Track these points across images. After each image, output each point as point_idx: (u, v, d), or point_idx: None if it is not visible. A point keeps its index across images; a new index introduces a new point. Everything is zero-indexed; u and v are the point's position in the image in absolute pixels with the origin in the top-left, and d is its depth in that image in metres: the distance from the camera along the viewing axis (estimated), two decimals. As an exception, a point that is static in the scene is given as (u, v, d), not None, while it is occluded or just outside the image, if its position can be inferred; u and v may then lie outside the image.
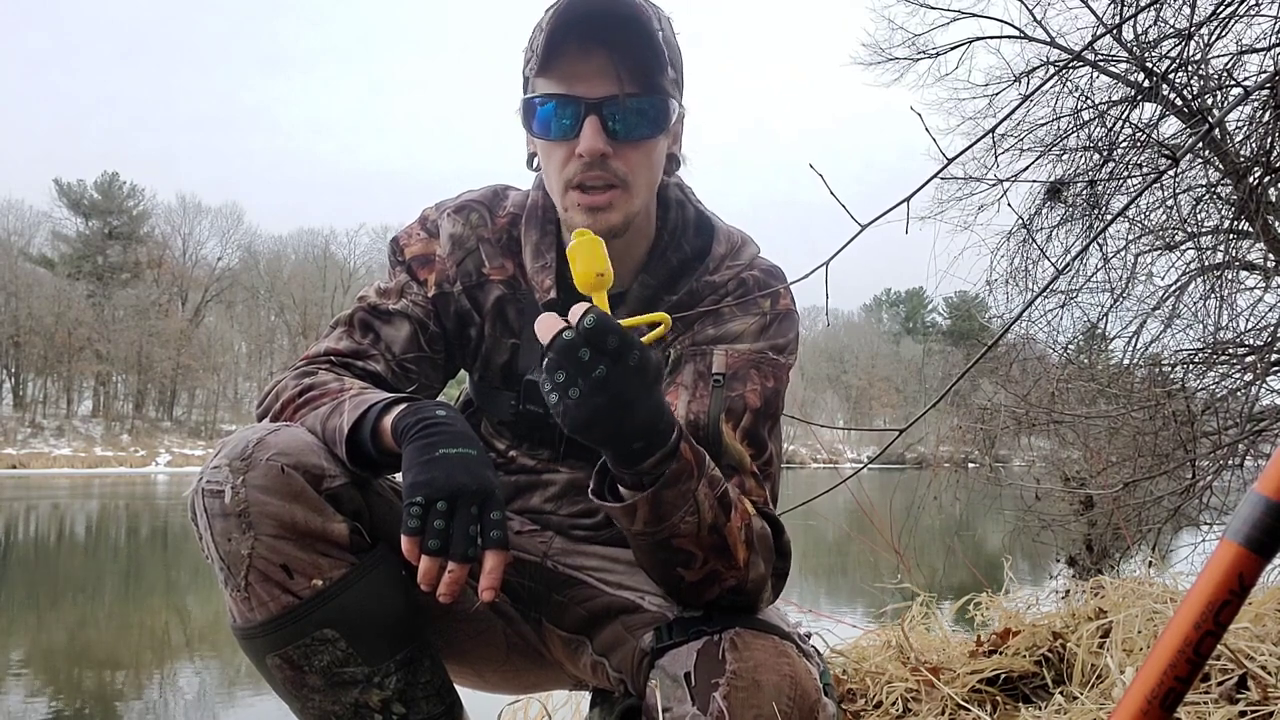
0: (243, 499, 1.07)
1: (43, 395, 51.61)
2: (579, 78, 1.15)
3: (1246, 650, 1.56)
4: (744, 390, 1.23)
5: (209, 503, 1.08)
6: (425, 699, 1.16)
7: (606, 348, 0.93)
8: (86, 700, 6.66)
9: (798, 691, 1.05)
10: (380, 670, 1.12)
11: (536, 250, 1.30)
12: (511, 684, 1.44)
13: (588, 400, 0.94)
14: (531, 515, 1.34)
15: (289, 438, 1.12)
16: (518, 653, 1.34)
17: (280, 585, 1.07)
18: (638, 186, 1.20)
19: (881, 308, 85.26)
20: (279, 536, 1.07)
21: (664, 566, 1.10)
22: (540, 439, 1.34)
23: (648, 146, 1.19)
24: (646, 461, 1.02)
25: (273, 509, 1.07)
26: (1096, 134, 5.69)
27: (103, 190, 58.11)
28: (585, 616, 1.27)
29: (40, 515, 22.27)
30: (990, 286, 6.69)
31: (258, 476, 1.07)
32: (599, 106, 1.15)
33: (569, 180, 1.18)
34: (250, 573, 1.07)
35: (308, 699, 1.12)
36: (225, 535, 1.07)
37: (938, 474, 8.31)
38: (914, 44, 7.38)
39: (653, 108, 1.17)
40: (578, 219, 1.19)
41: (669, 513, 1.04)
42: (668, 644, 1.12)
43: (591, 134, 1.14)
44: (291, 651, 1.09)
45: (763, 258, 1.35)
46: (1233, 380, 4.95)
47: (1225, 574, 0.61)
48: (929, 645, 2.05)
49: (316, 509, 1.10)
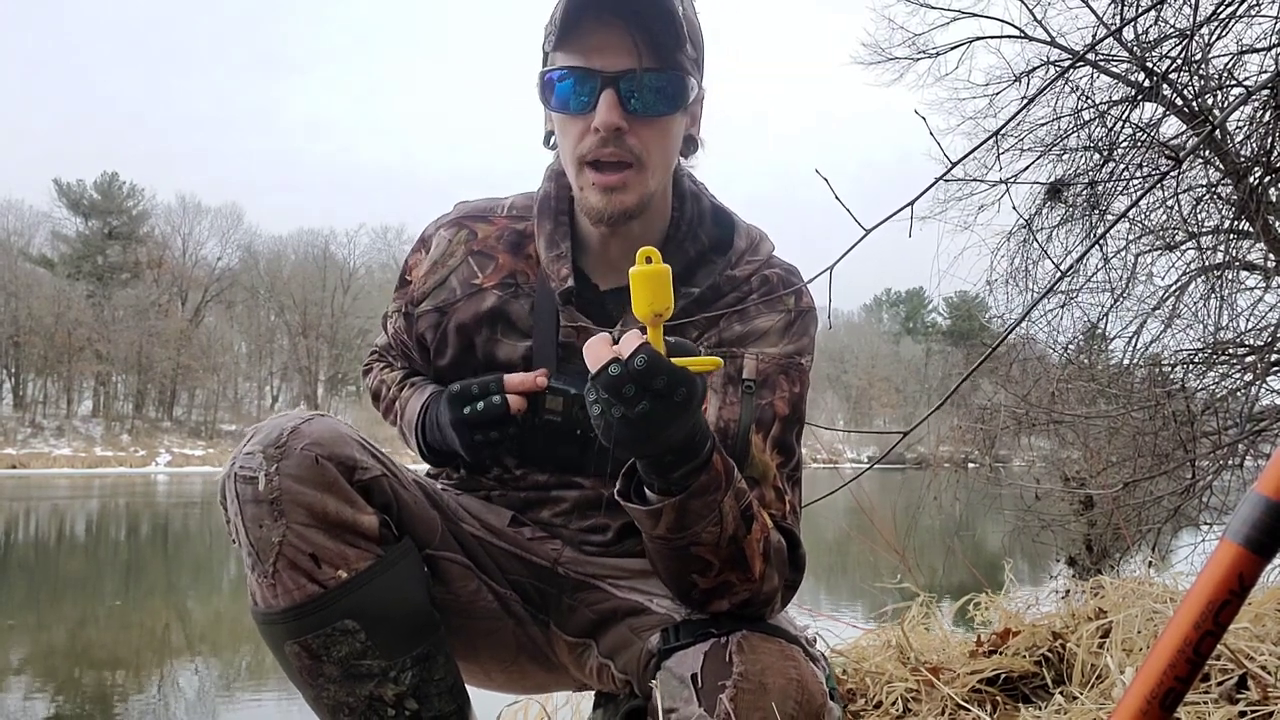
0: (276, 487, 1.07)
1: (43, 395, 51.60)
2: (596, 51, 1.13)
3: (1246, 650, 1.56)
4: (773, 399, 1.23)
5: (241, 488, 1.09)
6: (438, 696, 1.16)
7: (653, 388, 0.94)
8: (86, 700, 6.66)
9: (804, 695, 1.05)
10: (397, 665, 1.13)
11: (551, 240, 1.28)
12: (517, 684, 1.44)
13: (628, 425, 0.95)
14: (541, 526, 1.33)
15: (323, 427, 1.13)
16: (526, 654, 1.34)
17: (307, 574, 1.08)
18: (654, 165, 1.18)
19: (882, 308, 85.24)
20: (310, 525, 1.08)
21: (679, 573, 1.11)
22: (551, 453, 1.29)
23: (664, 124, 1.18)
24: (677, 472, 1.03)
25: (305, 498, 1.08)
26: (1097, 134, 5.69)
27: (102, 190, 58.11)
28: (593, 619, 1.27)
29: (40, 515, 22.26)
30: (990, 286, 6.69)
31: (291, 465, 1.08)
32: (616, 80, 1.13)
33: (583, 155, 1.17)
34: (279, 560, 1.08)
35: (322, 689, 1.12)
36: (256, 521, 1.08)
37: (938, 474, 8.32)
38: (914, 44, 7.37)
39: (670, 84, 1.16)
40: (592, 199, 1.18)
41: (693, 521, 1.05)
42: (675, 645, 1.12)
43: (607, 108, 1.13)
44: (311, 640, 1.10)
45: (779, 256, 1.34)
46: (1233, 380, 4.96)
47: (1225, 574, 0.61)
48: (929, 645, 2.05)
49: (348, 500, 1.11)
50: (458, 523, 1.30)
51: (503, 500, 1.34)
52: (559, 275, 1.25)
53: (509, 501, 1.33)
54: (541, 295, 1.28)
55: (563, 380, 1.24)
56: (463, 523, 1.30)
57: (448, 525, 1.28)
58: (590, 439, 1.25)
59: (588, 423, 1.22)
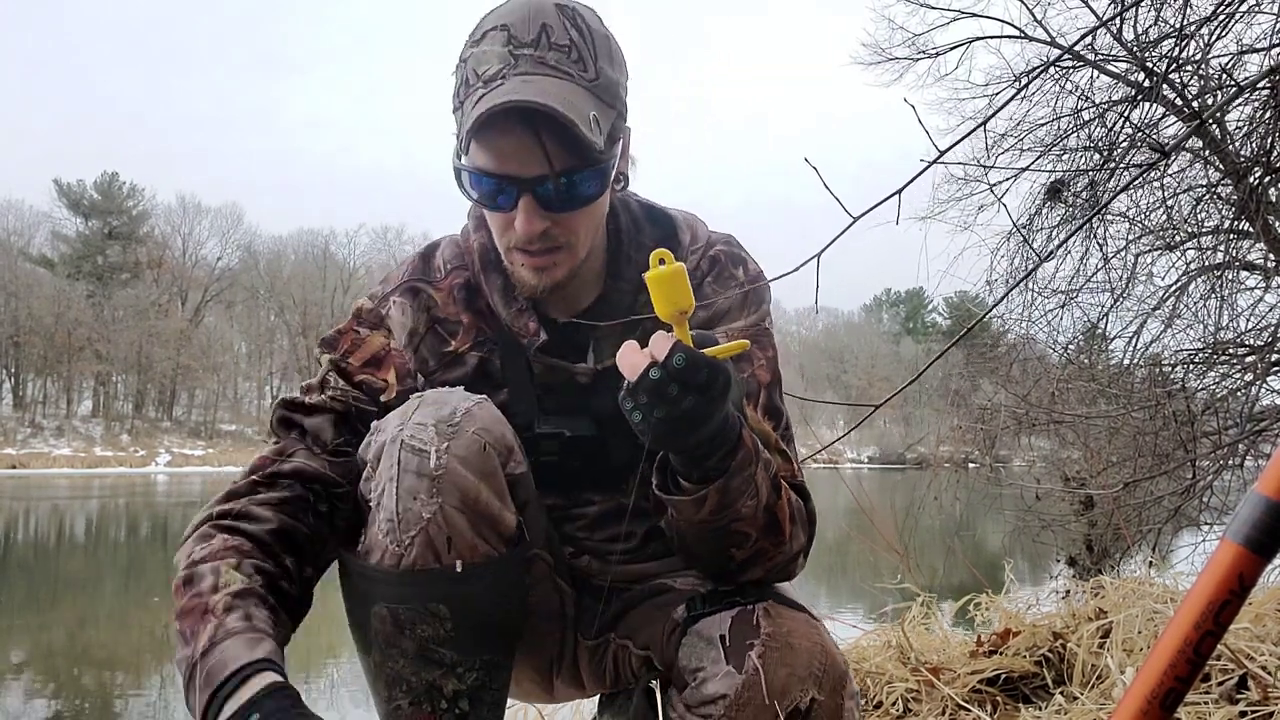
0: (443, 465, 1.08)
1: (42, 395, 51.63)
2: (511, 157, 1.12)
3: (1246, 650, 1.56)
4: (753, 369, 1.26)
5: (407, 457, 1.08)
6: (488, 706, 1.17)
7: (695, 383, 0.96)
8: (86, 700, 6.66)
9: (829, 659, 1.08)
10: (466, 662, 1.13)
11: (506, 296, 1.27)
12: (538, 692, 1.45)
13: (669, 423, 0.98)
14: (564, 540, 1.35)
15: (490, 414, 1.14)
16: (558, 664, 1.36)
17: (436, 553, 1.09)
18: (581, 244, 1.20)
19: (881, 308, 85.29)
20: (459, 510, 1.09)
21: (718, 551, 1.13)
22: (555, 483, 1.31)
23: (587, 211, 1.19)
24: (714, 459, 1.06)
25: (465, 483, 1.09)
26: (1096, 134, 5.70)
27: (102, 190, 58.13)
28: (615, 613, 1.30)
29: (40, 515, 22.27)
30: (990, 286, 6.69)
31: (461, 447, 1.09)
32: (532, 187, 1.13)
33: (511, 244, 1.19)
34: (420, 535, 1.08)
35: (391, 659, 1.12)
36: (412, 493, 1.08)
37: (938, 474, 8.32)
38: (914, 44, 7.37)
39: (586, 179, 1.15)
40: (524, 275, 1.20)
41: (735, 499, 1.08)
42: (702, 612, 1.14)
43: (526, 216, 1.14)
44: (403, 611, 1.10)
45: (714, 230, 1.36)
46: (1233, 380, 4.96)
47: (1225, 574, 0.61)
48: (929, 645, 2.05)
49: (499, 493, 1.13)
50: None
51: None
52: (528, 330, 1.26)
53: None
54: (505, 346, 1.29)
55: (551, 424, 1.26)
56: None
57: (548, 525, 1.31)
58: (586, 469, 1.28)
59: (581, 456, 1.26)
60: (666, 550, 1.28)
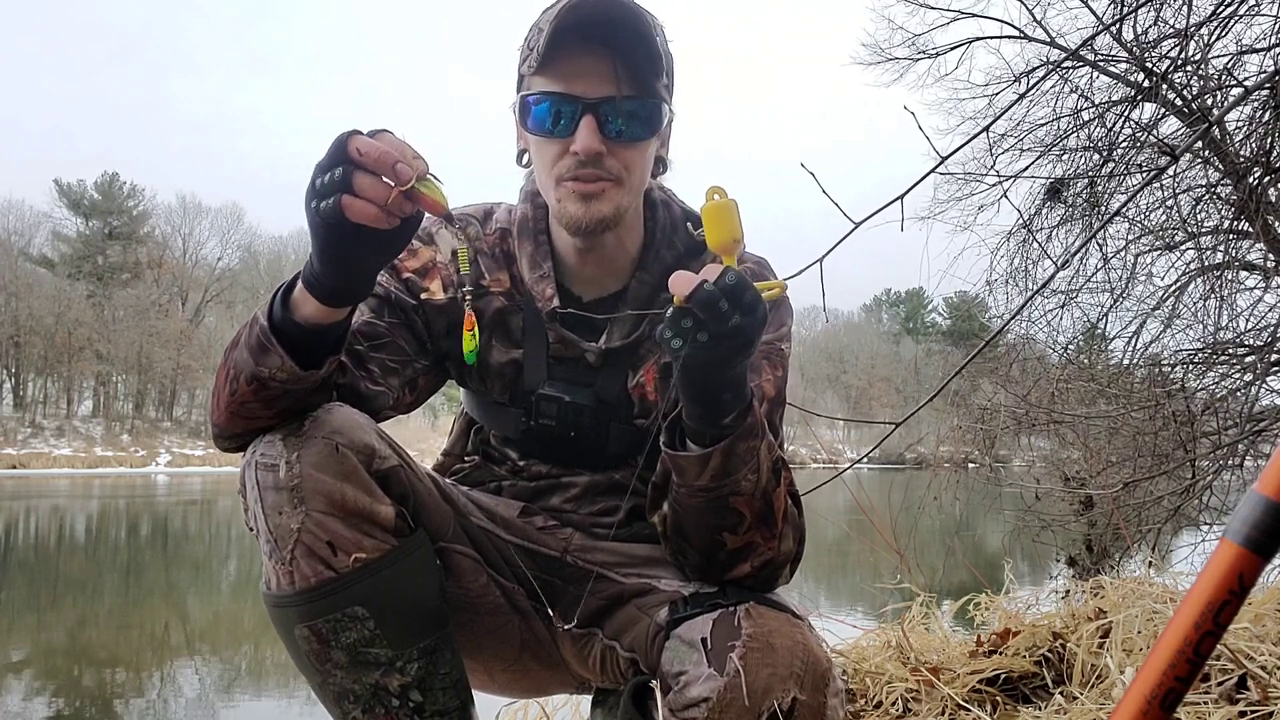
0: (296, 474, 1.08)
1: (43, 395, 51.58)
2: (577, 77, 1.17)
3: (1246, 650, 1.56)
4: (760, 380, 1.28)
5: (261, 475, 1.09)
6: (443, 690, 1.18)
7: (743, 302, 0.98)
8: (86, 700, 6.66)
9: (810, 658, 1.08)
10: (404, 655, 1.14)
11: (533, 261, 1.32)
12: (519, 684, 1.45)
13: (717, 343, 0.99)
14: (551, 513, 1.36)
15: (342, 416, 1.14)
16: (529, 651, 1.36)
17: (324, 561, 1.09)
18: (630, 184, 1.22)
19: (881, 308, 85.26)
20: (328, 513, 1.09)
21: (712, 529, 1.14)
22: (550, 453, 1.35)
23: (641, 147, 1.22)
24: (730, 415, 1.07)
25: (325, 486, 1.09)
26: (1096, 134, 5.70)
27: (103, 190, 58.11)
28: (599, 605, 1.29)
29: (40, 515, 22.26)
30: (990, 286, 6.70)
31: (311, 453, 1.09)
32: (596, 106, 1.17)
33: (561, 175, 1.20)
34: (297, 547, 1.08)
35: (329, 675, 1.13)
36: (276, 509, 1.08)
37: (938, 474, 8.31)
38: (914, 44, 7.39)
39: (647, 110, 1.20)
40: (570, 207, 1.21)
41: (737, 466, 1.09)
42: (684, 615, 1.15)
43: (588, 133, 1.17)
44: (321, 625, 1.11)
45: (748, 250, 1.37)
46: (1233, 380, 4.96)
47: (1225, 574, 0.61)
48: (929, 645, 2.05)
49: (366, 489, 1.12)
50: (467, 517, 1.32)
51: (513, 490, 1.38)
52: (544, 295, 1.30)
53: (518, 491, 1.37)
54: (529, 311, 1.32)
55: (555, 388, 1.30)
56: (471, 516, 1.32)
57: (459, 519, 1.30)
58: (584, 438, 1.30)
59: (580, 426, 1.29)
60: (650, 535, 1.28)
